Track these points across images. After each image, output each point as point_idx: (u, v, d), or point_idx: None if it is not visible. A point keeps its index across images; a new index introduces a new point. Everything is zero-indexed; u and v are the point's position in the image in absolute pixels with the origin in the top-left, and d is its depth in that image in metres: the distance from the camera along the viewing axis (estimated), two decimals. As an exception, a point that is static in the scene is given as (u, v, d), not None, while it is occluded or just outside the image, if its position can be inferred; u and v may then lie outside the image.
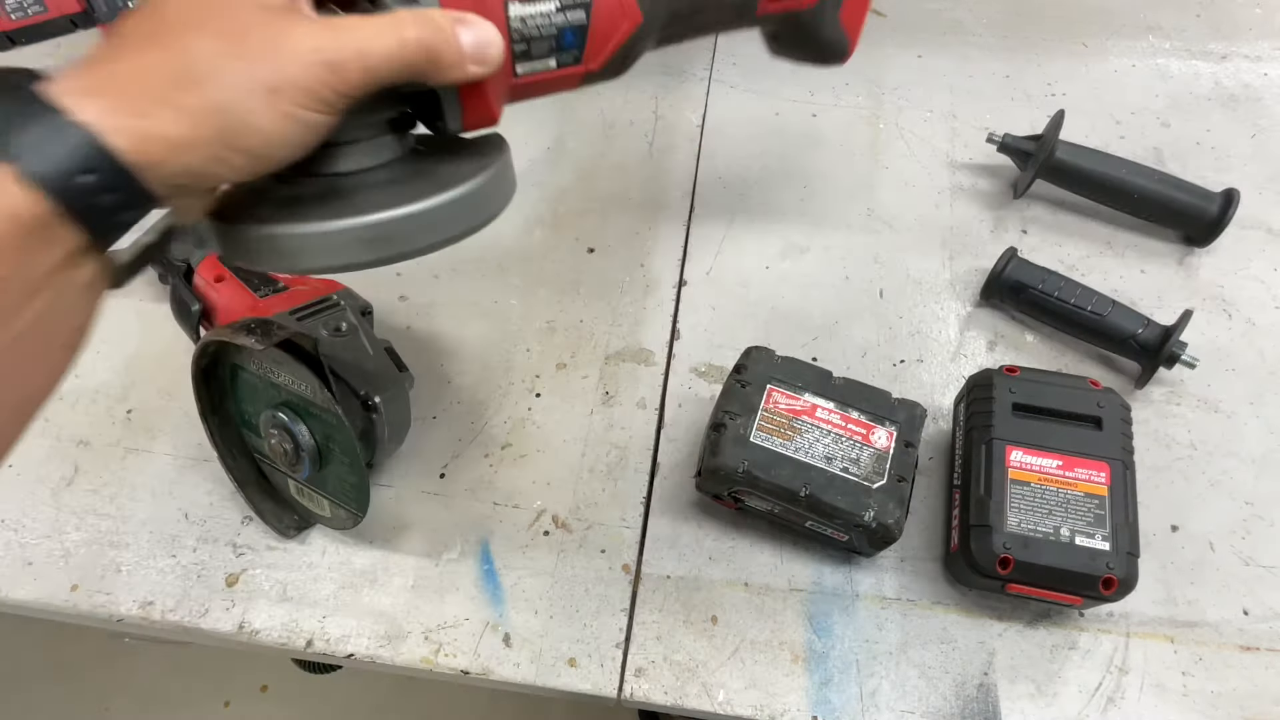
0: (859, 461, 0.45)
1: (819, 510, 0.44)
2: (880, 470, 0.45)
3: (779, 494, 0.44)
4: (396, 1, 0.31)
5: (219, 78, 0.26)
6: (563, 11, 0.36)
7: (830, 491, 0.44)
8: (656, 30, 0.41)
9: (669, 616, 0.47)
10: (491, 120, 0.37)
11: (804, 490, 0.44)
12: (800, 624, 0.47)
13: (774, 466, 0.44)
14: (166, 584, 0.49)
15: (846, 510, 0.44)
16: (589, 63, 0.38)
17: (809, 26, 0.48)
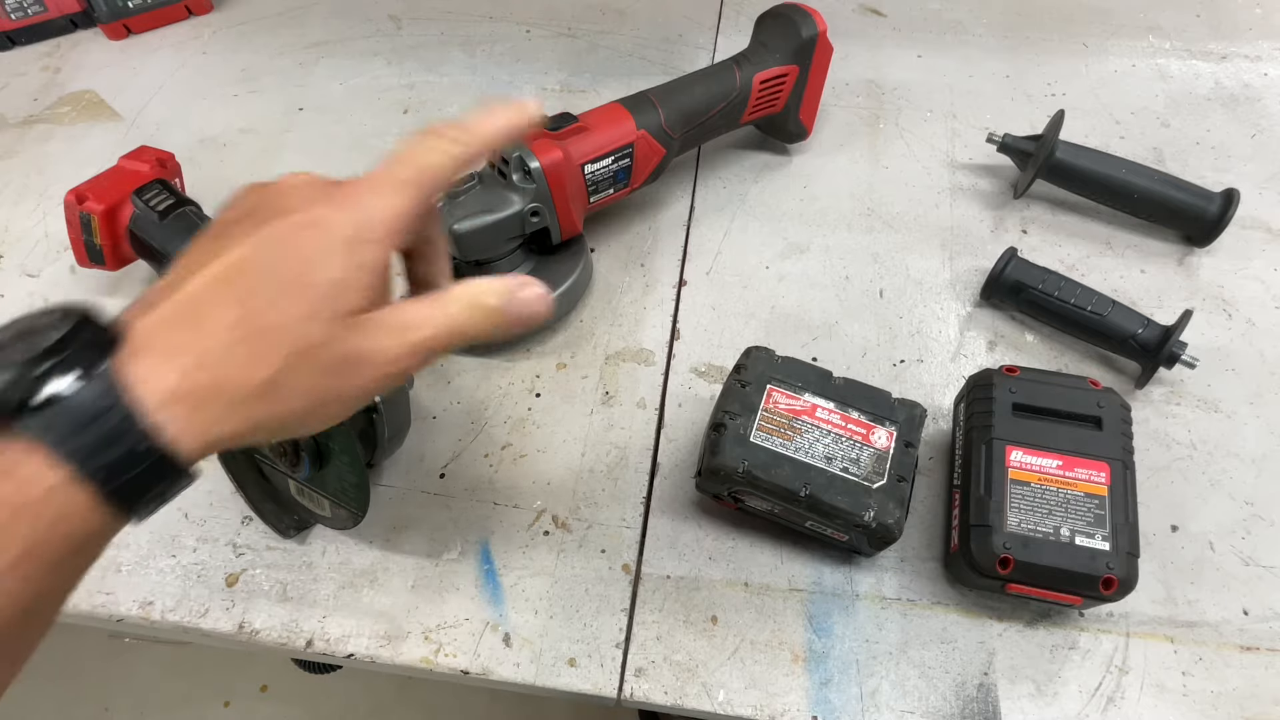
0: (859, 461, 0.45)
1: (819, 510, 0.44)
2: (880, 470, 0.45)
3: (779, 494, 0.44)
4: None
5: (291, 398, 0.27)
6: (615, 162, 0.57)
7: (830, 491, 0.44)
8: (676, 154, 0.62)
9: (669, 616, 0.47)
10: (576, 233, 0.58)
11: (804, 490, 0.44)
12: (800, 624, 0.47)
13: (774, 466, 0.44)
14: (166, 584, 0.49)
15: (847, 510, 0.44)
16: (634, 184, 0.60)
17: (778, 123, 0.68)
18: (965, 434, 0.49)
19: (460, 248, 0.53)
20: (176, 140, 0.74)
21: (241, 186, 0.30)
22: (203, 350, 0.25)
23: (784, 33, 0.62)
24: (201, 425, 0.25)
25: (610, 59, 0.80)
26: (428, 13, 0.86)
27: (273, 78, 0.79)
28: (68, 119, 0.76)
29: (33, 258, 0.65)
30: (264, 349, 0.26)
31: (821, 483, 0.44)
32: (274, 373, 0.26)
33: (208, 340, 0.26)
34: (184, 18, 0.86)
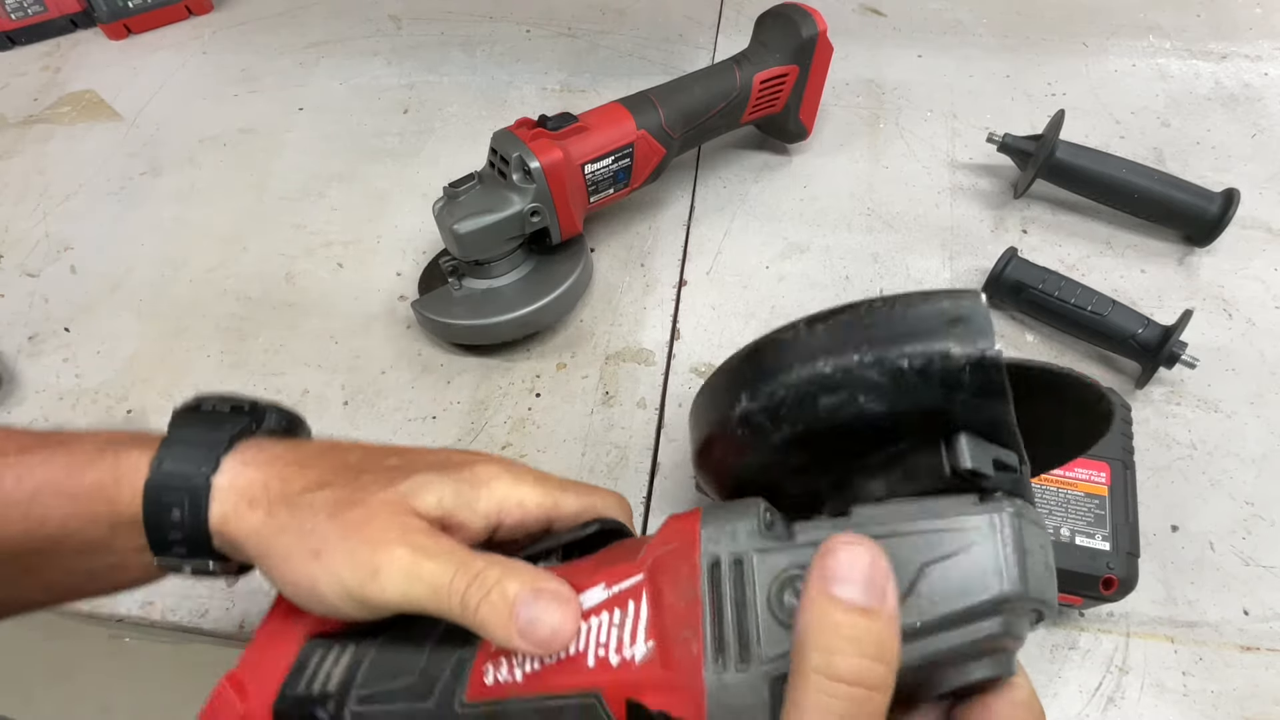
0: (859, 461, 0.45)
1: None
2: (880, 470, 0.45)
3: (779, 494, 0.44)
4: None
5: (327, 597, 0.28)
6: (615, 162, 0.57)
7: (830, 491, 0.44)
8: (676, 153, 0.61)
9: (669, 616, 0.47)
10: (576, 233, 0.58)
11: (804, 490, 0.44)
12: (800, 624, 0.47)
13: (774, 466, 0.44)
14: (167, 584, 0.49)
15: (846, 510, 0.43)
16: (634, 184, 0.60)
17: (778, 123, 0.67)
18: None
19: (460, 247, 0.53)
20: (176, 140, 0.74)
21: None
22: (301, 498, 0.29)
23: (784, 33, 0.62)
24: (264, 564, 0.29)
25: (610, 59, 0.80)
26: (428, 13, 0.86)
27: (273, 78, 0.79)
28: (68, 119, 0.76)
29: (33, 258, 0.65)
30: (350, 537, 0.28)
31: (822, 483, 0.44)
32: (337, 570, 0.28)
33: (310, 503, 0.29)
34: (184, 18, 0.86)
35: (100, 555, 0.29)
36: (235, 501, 0.29)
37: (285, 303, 0.62)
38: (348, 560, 0.26)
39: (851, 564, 0.19)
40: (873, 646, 0.18)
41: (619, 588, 0.23)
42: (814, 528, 0.21)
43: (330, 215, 0.68)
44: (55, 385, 0.58)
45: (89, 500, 0.28)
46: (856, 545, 0.19)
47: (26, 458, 0.29)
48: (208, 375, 0.58)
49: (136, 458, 0.29)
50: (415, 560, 0.26)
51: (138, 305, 0.62)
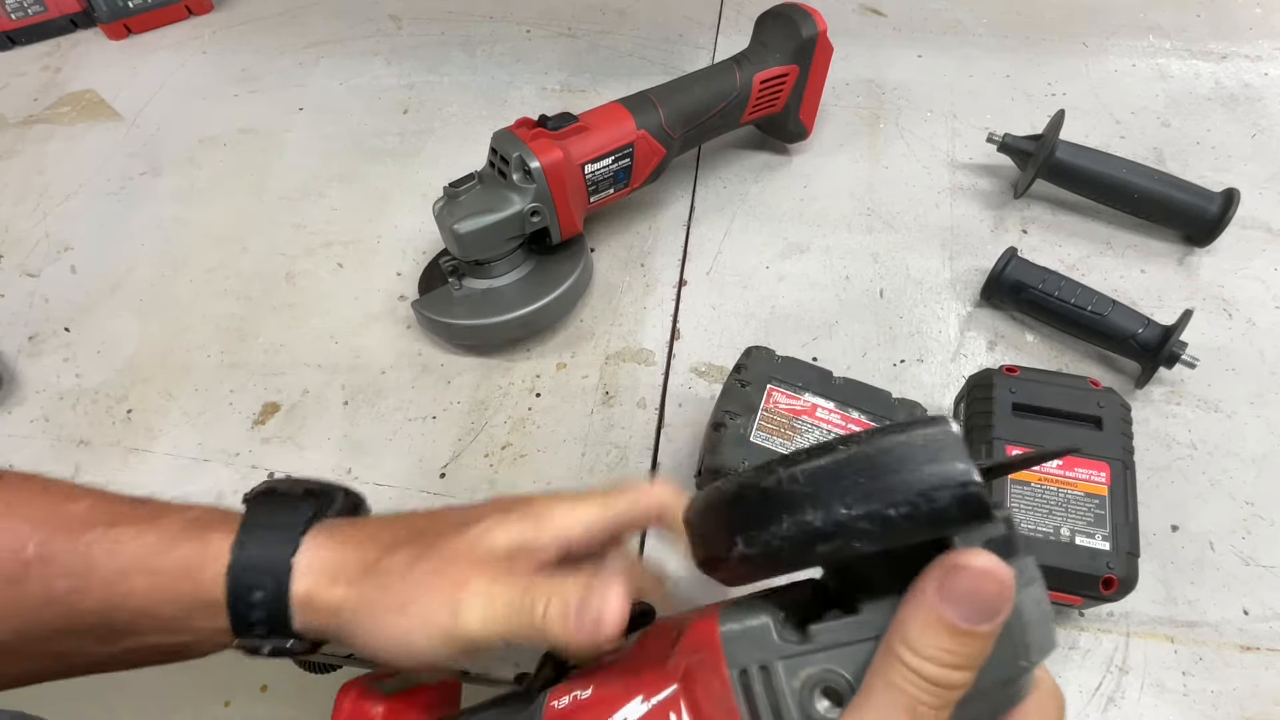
0: (859, 461, 0.45)
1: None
2: (880, 470, 0.45)
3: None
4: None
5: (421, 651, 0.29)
6: (615, 162, 0.57)
7: (830, 492, 0.44)
8: (676, 153, 0.61)
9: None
10: (576, 233, 0.58)
11: (804, 490, 0.44)
12: (800, 624, 0.47)
13: (774, 467, 0.44)
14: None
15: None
16: (634, 184, 0.60)
17: (778, 123, 0.68)
18: (965, 434, 0.49)
19: (460, 247, 0.53)
20: (176, 140, 0.74)
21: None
22: (375, 573, 0.30)
23: (784, 32, 0.62)
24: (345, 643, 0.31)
25: (610, 59, 0.80)
26: (428, 13, 0.86)
27: (273, 78, 0.79)
28: (68, 119, 0.76)
29: (33, 258, 0.65)
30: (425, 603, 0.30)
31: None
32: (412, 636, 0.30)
33: (387, 575, 0.30)
34: (184, 18, 0.86)
35: (177, 632, 0.30)
36: (317, 578, 0.30)
37: (285, 303, 0.62)
38: (431, 605, 0.28)
39: (976, 591, 0.20)
40: (964, 658, 0.20)
41: (656, 700, 0.25)
42: (828, 630, 0.22)
43: (330, 215, 0.68)
44: (55, 385, 0.58)
45: (174, 579, 0.29)
46: (984, 573, 0.20)
47: (116, 531, 0.30)
48: (208, 375, 0.58)
49: (219, 541, 0.30)
50: (489, 590, 0.28)
51: (138, 305, 0.62)
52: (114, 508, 0.31)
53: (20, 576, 0.28)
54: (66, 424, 0.55)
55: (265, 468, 0.53)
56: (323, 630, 0.30)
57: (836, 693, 0.22)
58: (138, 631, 0.30)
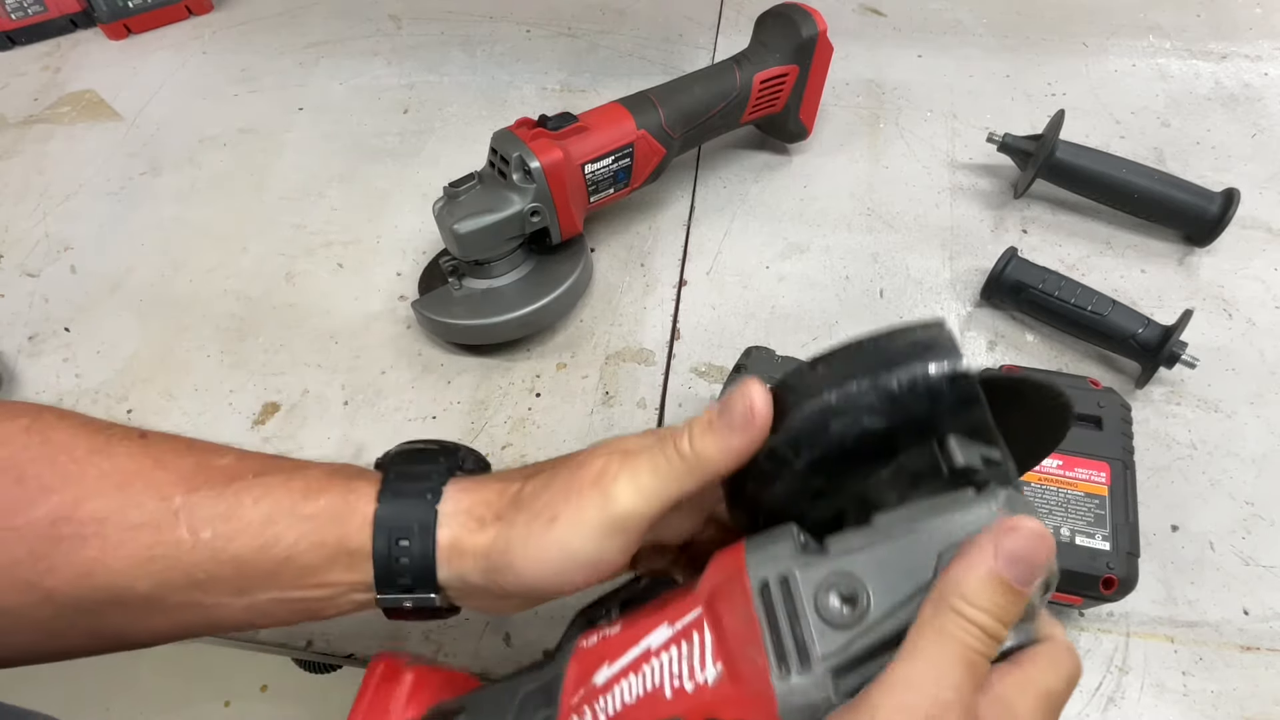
0: (859, 461, 0.45)
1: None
2: (880, 470, 0.45)
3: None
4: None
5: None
6: (615, 162, 0.57)
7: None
8: (676, 153, 0.61)
9: (669, 616, 0.47)
10: (576, 233, 0.58)
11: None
12: (800, 624, 0.47)
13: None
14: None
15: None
16: (634, 184, 0.60)
17: (778, 123, 0.68)
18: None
19: (460, 247, 0.53)
20: (176, 140, 0.74)
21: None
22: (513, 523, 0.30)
23: (784, 32, 0.62)
24: (478, 604, 0.32)
25: (610, 59, 0.80)
26: (428, 13, 0.86)
27: (273, 78, 0.79)
28: (68, 119, 0.76)
29: (33, 258, 0.65)
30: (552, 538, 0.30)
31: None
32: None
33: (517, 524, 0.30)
34: (184, 18, 0.86)
35: (317, 585, 0.30)
36: (464, 522, 0.30)
37: (285, 303, 0.62)
38: (582, 502, 0.28)
39: (1033, 554, 0.22)
40: (1007, 613, 0.22)
41: (681, 623, 0.26)
42: (843, 539, 0.24)
43: (330, 215, 0.68)
44: (55, 385, 0.58)
45: (320, 526, 0.30)
46: (1040, 539, 0.22)
47: (263, 480, 0.30)
48: (208, 375, 0.58)
49: (365, 489, 0.31)
50: (631, 463, 0.28)
51: (138, 305, 0.62)
52: (258, 461, 0.32)
53: (170, 524, 0.29)
54: (66, 424, 0.55)
55: (265, 468, 0.53)
56: (467, 578, 0.30)
57: (851, 596, 0.23)
58: (277, 582, 0.30)
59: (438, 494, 0.31)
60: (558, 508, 0.29)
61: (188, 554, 0.29)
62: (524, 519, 0.29)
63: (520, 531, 0.29)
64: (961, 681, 0.21)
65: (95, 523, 0.28)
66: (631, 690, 0.25)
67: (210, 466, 0.31)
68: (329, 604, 0.31)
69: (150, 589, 0.29)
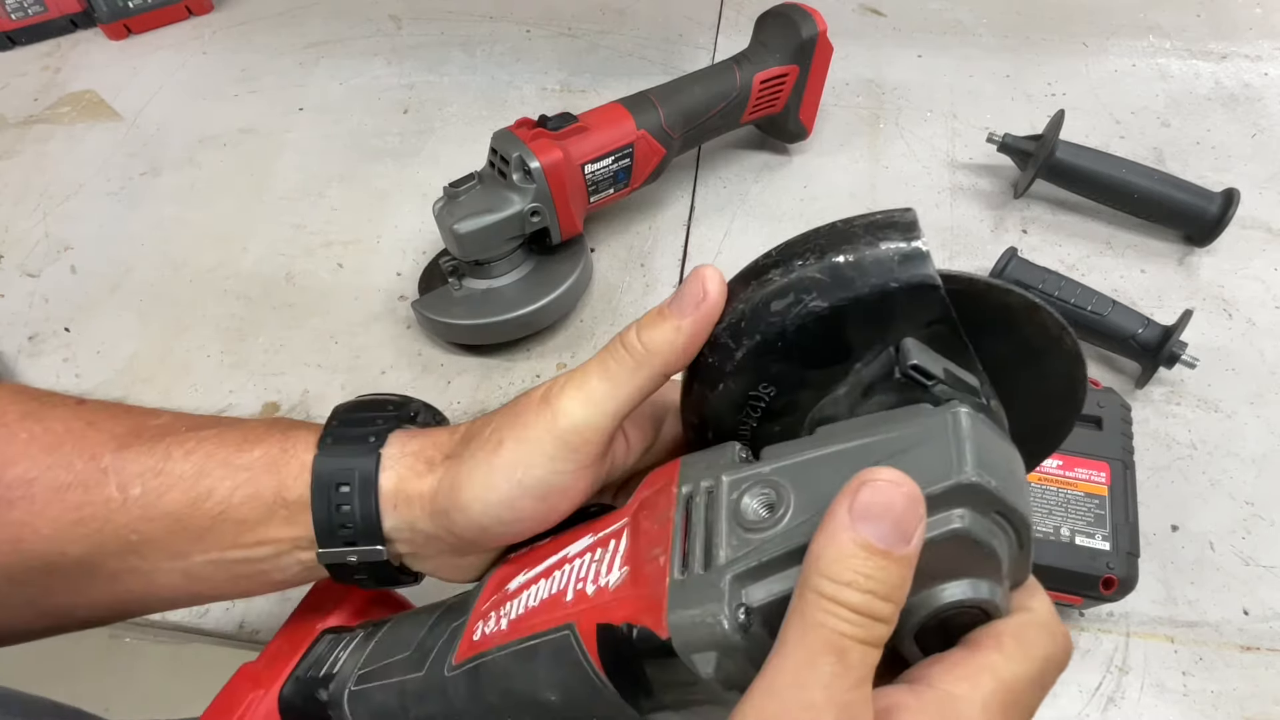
0: (859, 461, 0.45)
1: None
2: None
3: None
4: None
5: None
6: (615, 162, 0.57)
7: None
8: (676, 153, 0.62)
9: (669, 616, 0.47)
10: (576, 233, 0.58)
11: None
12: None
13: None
14: (166, 584, 0.49)
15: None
16: (634, 184, 0.60)
17: (778, 123, 0.68)
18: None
19: (460, 247, 0.53)
20: (176, 140, 0.74)
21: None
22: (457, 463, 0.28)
23: (784, 33, 0.62)
24: (417, 555, 0.29)
25: (610, 59, 0.80)
26: (428, 13, 0.86)
27: (273, 78, 0.79)
28: (68, 119, 0.76)
29: (33, 258, 0.65)
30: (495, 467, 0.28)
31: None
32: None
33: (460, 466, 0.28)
34: (184, 18, 0.86)
35: (255, 543, 0.28)
36: (411, 464, 0.28)
37: (285, 303, 0.62)
38: (530, 426, 0.26)
39: (887, 506, 0.18)
40: (884, 586, 0.18)
41: (604, 533, 0.24)
42: (779, 448, 0.22)
43: (330, 215, 0.68)
44: (55, 385, 0.58)
45: (255, 476, 0.28)
46: (895, 486, 0.18)
47: (196, 433, 0.29)
48: (208, 375, 0.58)
49: (304, 437, 0.29)
50: (578, 374, 0.26)
51: (138, 305, 0.62)
52: (194, 419, 0.30)
53: (98, 482, 0.27)
54: (66, 424, 0.55)
55: (265, 468, 0.53)
56: (417, 525, 0.28)
57: (771, 503, 0.21)
58: (215, 541, 0.28)
59: (381, 438, 0.29)
60: (504, 432, 0.26)
61: (118, 513, 0.27)
62: (469, 452, 0.27)
63: (467, 465, 0.27)
64: (833, 677, 0.18)
65: (23, 485, 0.27)
66: (537, 595, 0.24)
67: (144, 426, 0.29)
68: (273, 566, 0.29)
69: (82, 553, 0.28)
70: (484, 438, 0.27)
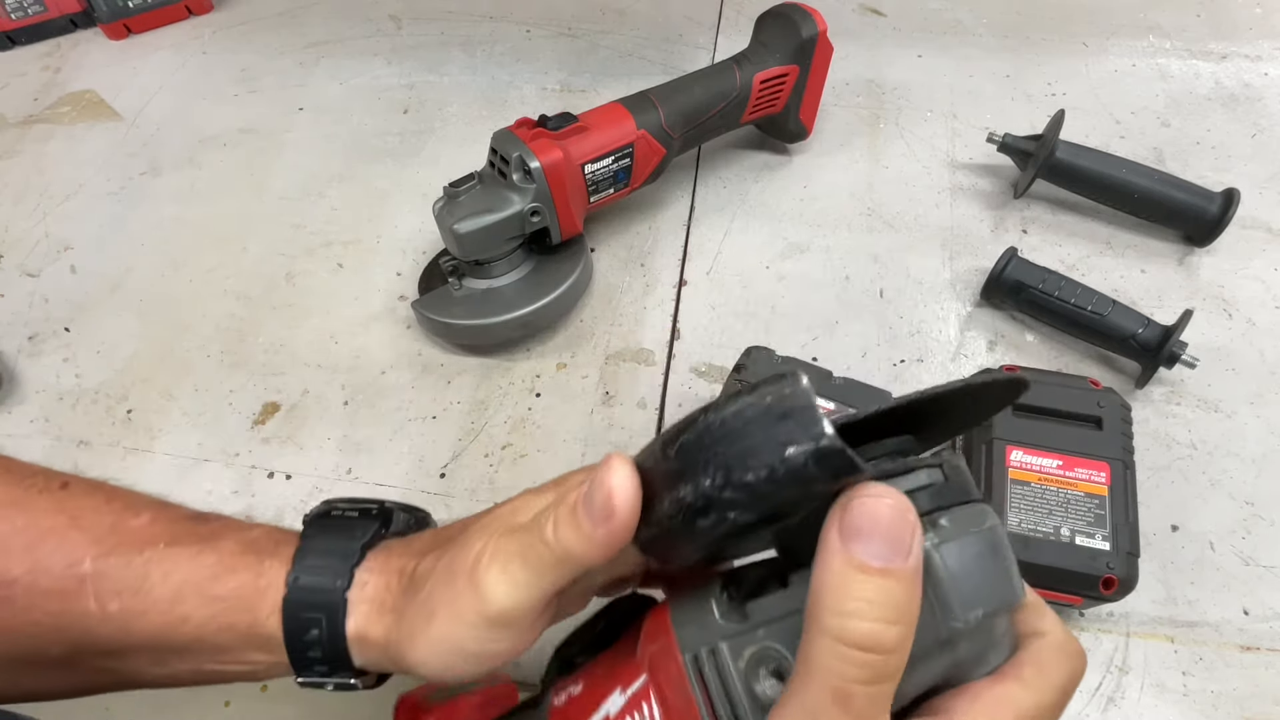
0: (859, 461, 0.45)
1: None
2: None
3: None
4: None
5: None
6: (615, 162, 0.57)
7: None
8: (676, 153, 0.62)
9: (669, 616, 0.47)
10: (576, 233, 0.58)
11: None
12: (800, 624, 0.47)
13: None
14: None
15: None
16: (634, 184, 0.60)
17: (778, 122, 0.68)
18: (965, 434, 0.49)
19: (460, 247, 0.53)
20: (176, 140, 0.74)
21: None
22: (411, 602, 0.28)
23: (784, 33, 0.62)
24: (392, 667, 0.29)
25: (610, 59, 0.80)
26: (428, 13, 0.86)
27: (273, 78, 0.79)
28: (68, 119, 0.76)
29: (33, 258, 0.65)
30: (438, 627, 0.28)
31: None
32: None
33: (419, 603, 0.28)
34: (184, 18, 0.86)
35: (233, 663, 0.29)
36: (367, 612, 0.28)
37: (285, 303, 0.62)
38: (459, 597, 0.25)
39: (874, 519, 0.17)
40: (890, 610, 0.17)
41: (632, 690, 0.25)
42: (762, 606, 0.22)
43: (330, 215, 0.68)
44: (55, 385, 0.58)
45: (229, 610, 0.28)
46: (877, 499, 0.18)
47: (174, 551, 0.29)
48: (208, 375, 0.58)
49: (275, 571, 0.29)
50: (502, 547, 0.25)
51: (138, 305, 0.62)
52: (174, 525, 0.30)
53: (76, 591, 0.28)
54: (66, 424, 0.55)
55: (265, 468, 0.53)
56: (380, 664, 0.29)
57: (780, 670, 0.21)
58: (193, 657, 0.29)
59: (349, 577, 0.29)
60: (435, 601, 0.26)
61: (97, 625, 0.28)
62: (410, 612, 0.27)
63: (407, 626, 0.27)
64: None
65: (5, 585, 0.28)
66: None
67: (125, 528, 0.29)
68: (250, 675, 0.30)
69: (63, 653, 0.28)
70: (420, 602, 0.27)
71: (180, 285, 0.63)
